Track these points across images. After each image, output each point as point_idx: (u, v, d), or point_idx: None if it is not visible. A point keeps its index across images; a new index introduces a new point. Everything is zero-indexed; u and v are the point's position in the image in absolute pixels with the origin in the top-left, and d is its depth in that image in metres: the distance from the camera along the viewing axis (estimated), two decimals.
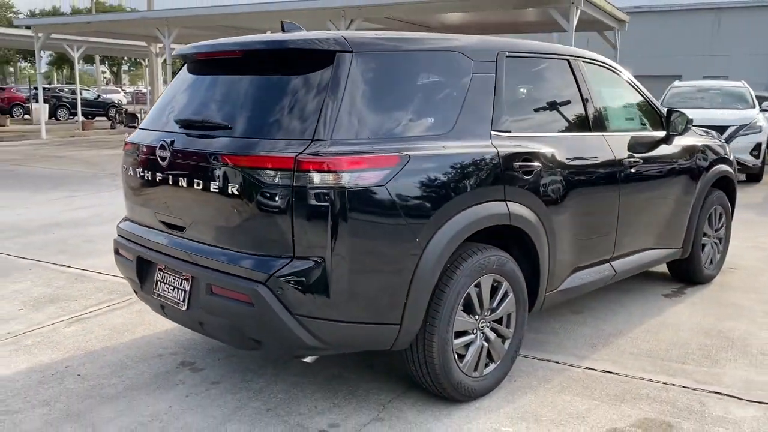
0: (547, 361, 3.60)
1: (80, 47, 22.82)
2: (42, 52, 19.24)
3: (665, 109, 4.40)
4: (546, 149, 3.35)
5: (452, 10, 13.18)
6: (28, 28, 18.97)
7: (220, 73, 3.01)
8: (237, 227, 2.66)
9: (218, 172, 2.67)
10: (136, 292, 3.31)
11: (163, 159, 2.90)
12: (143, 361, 3.55)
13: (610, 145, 3.84)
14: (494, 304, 3.14)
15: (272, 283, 2.54)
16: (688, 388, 3.29)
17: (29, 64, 58.24)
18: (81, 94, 27.55)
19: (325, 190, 2.49)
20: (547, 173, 3.32)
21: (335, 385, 3.26)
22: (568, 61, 3.79)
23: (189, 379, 3.33)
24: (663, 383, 3.33)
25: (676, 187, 4.45)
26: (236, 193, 2.62)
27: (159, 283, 3.04)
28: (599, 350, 3.75)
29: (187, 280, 2.86)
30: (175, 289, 2.93)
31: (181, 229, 2.94)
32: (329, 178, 2.50)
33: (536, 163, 3.25)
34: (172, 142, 2.88)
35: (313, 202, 2.50)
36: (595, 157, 3.71)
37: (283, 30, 3.27)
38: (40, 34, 18.42)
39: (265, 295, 2.54)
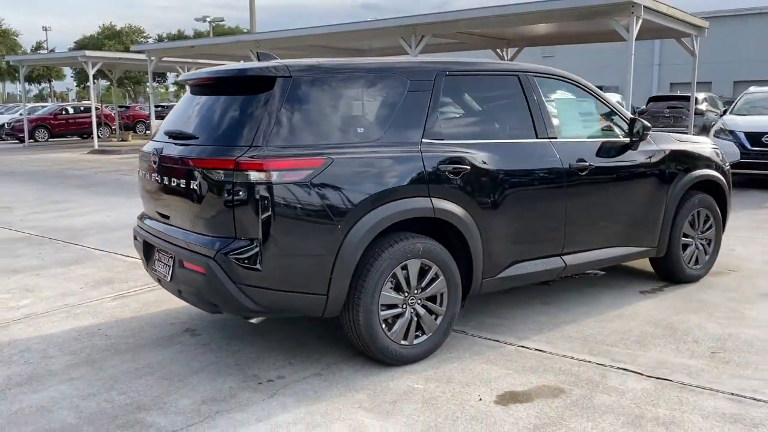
0: (490, 340, 4.10)
1: (190, 68, 24.99)
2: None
3: (640, 119, 4.74)
4: (478, 154, 3.88)
5: (516, 25, 13.54)
6: (141, 52, 21.15)
7: (200, 95, 3.80)
8: (198, 215, 3.43)
9: (185, 172, 3.45)
10: (145, 269, 4.16)
11: (155, 163, 3.73)
12: (157, 327, 4.40)
13: (558, 151, 4.28)
14: (423, 285, 3.71)
15: (218, 258, 3.28)
16: (600, 365, 3.70)
17: (159, 84, 63.71)
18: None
19: (257, 185, 3.20)
20: (478, 175, 3.85)
21: (298, 351, 3.94)
22: (518, 76, 4.29)
23: (186, 341, 4.14)
24: (581, 360, 3.76)
25: (642, 190, 4.78)
26: (196, 188, 3.39)
27: (156, 261, 3.87)
28: (543, 333, 4.19)
29: (171, 257, 3.66)
30: (164, 265, 3.74)
31: (167, 218, 3.75)
32: (261, 176, 3.21)
33: (466, 166, 3.80)
34: (161, 150, 3.70)
35: (248, 194, 3.22)
36: (537, 162, 4.18)
37: (258, 59, 4.03)
38: (152, 58, 20.51)
39: (213, 267, 3.29)
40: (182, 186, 3.48)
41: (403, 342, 3.67)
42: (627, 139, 4.71)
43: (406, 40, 14.43)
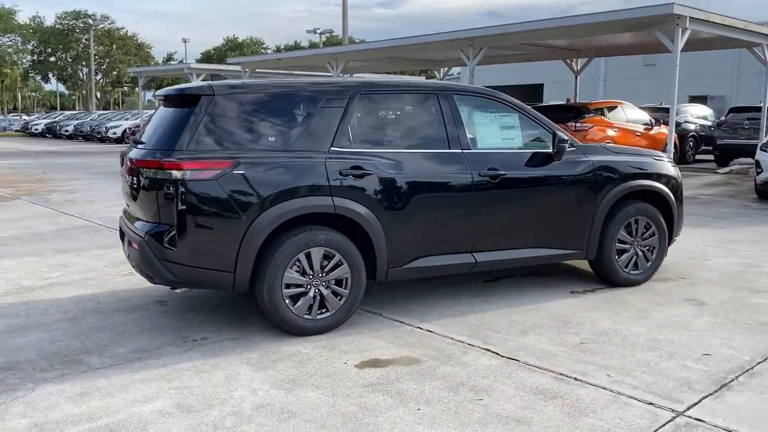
0: (396, 321, 4.74)
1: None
2: None
3: (559, 132, 5.19)
4: (383, 161, 4.56)
5: (563, 37, 13.77)
6: (237, 64, 23.01)
7: (163, 108, 4.72)
8: (139, 205, 4.36)
9: (134, 171, 4.38)
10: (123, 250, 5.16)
11: (123, 164, 4.70)
12: (139, 297, 5.39)
13: (468, 161, 4.85)
14: (327, 269, 4.43)
15: (146, 238, 4.19)
16: (470, 345, 4.25)
17: None
18: None
19: (174, 181, 4.08)
20: (381, 179, 4.52)
21: (232, 322, 4.76)
22: (436, 94, 4.91)
23: (153, 309, 5.09)
24: (456, 340, 4.33)
25: (565, 197, 5.22)
26: (138, 183, 4.31)
27: (125, 244, 4.84)
28: (447, 319, 4.77)
29: (128, 241, 4.61)
30: (126, 246, 4.70)
31: (129, 207, 4.72)
32: (178, 174, 4.08)
33: (368, 171, 4.48)
34: (128, 153, 4.66)
35: (168, 188, 4.10)
36: (444, 170, 4.77)
37: (212, 79, 4.92)
38: (246, 70, 22.30)
39: (143, 246, 4.20)
40: (134, 182, 4.42)
41: (306, 316, 4.41)
42: (549, 150, 5.17)
43: (464, 51, 15.01)
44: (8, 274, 6.23)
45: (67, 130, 35.60)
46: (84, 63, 63.86)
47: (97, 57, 62.64)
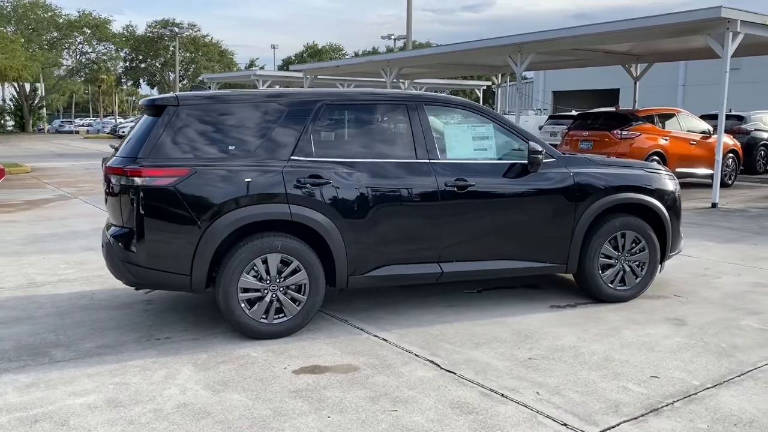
0: (357, 328, 4.80)
1: (349, 85, 27.17)
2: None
3: (533, 144, 5.09)
4: (343, 171, 4.63)
5: (611, 42, 13.34)
6: (299, 71, 23.58)
7: (143, 117, 4.97)
8: (110, 210, 4.61)
9: (107, 177, 4.64)
10: None
11: (103, 171, 4.99)
12: (131, 296, 5.66)
13: (436, 171, 4.85)
14: (284, 275, 4.55)
15: (111, 240, 4.44)
16: (416, 355, 4.26)
17: None
18: None
19: (134, 187, 4.31)
20: (341, 188, 4.60)
21: (201, 323, 4.94)
22: (406, 105, 4.94)
23: (138, 307, 5.36)
24: (405, 351, 4.35)
25: (542, 208, 5.13)
26: (109, 189, 4.57)
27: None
28: (408, 328, 4.78)
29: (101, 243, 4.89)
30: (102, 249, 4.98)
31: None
32: (138, 180, 4.31)
33: (327, 180, 4.57)
34: (108, 160, 4.95)
35: (129, 194, 4.33)
36: (408, 180, 4.78)
37: (192, 89, 5.14)
38: (308, 76, 22.82)
39: (108, 247, 4.46)
40: (107, 188, 4.69)
41: (262, 320, 4.54)
42: (524, 161, 5.09)
43: (512, 57, 14.82)
44: (29, 269, 6.70)
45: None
46: (171, 69, 66.95)
47: (182, 63, 65.54)
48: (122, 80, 72.98)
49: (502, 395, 3.66)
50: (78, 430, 3.27)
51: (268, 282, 4.52)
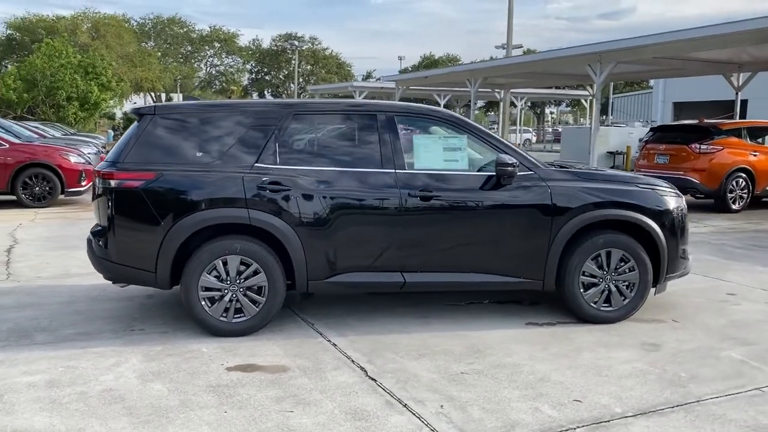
0: (316, 331, 4.91)
1: (446, 95, 27.28)
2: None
3: (504, 156, 4.99)
4: (304, 178, 4.79)
5: (694, 50, 12.48)
6: (391, 82, 23.98)
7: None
8: (95, 209, 5.04)
9: (95, 181, 5.09)
10: None
11: None
12: (137, 290, 6.04)
13: (399, 181, 4.88)
14: (244, 277, 4.77)
15: (90, 237, 4.86)
16: (351, 360, 4.32)
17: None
18: None
19: (108, 189, 4.70)
20: (300, 195, 4.75)
21: (184, 320, 5.27)
22: (375, 114, 5.02)
23: (137, 301, 5.76)
24: (345, 356, 4.42)
25: (512, 223, 5.00)
26: (94, 190, 5.00)
27: None
28: (365, 336, 4.84)
29: None
30: None
31: None
32: (110, 183, 4.70)
33: (286, 187, 4.75)
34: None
35: (104, 195, 4.73)
36: (370, 189, 4.85)
37: (184, 99, 5.50)
38: (400, 87, 23.16)
39: (88, 244, 4.88)
40: (94, 189, 5.13)
41: (222, 318, 4.77)
42: (493, 173, 4.99)
43: (592, 67, 14.32)
44: (71, 262, 7.38)
45: None
46: (293, 81, 70.16)
47: (303, 75, 68.38)
48: (248, 91, 77.21)
49: (405, 405, 3.66)
50: (5, 404, 3.64)
51: (228, 282, 4.76)
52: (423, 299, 5.72)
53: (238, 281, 4.77)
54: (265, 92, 77.80)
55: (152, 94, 60.93)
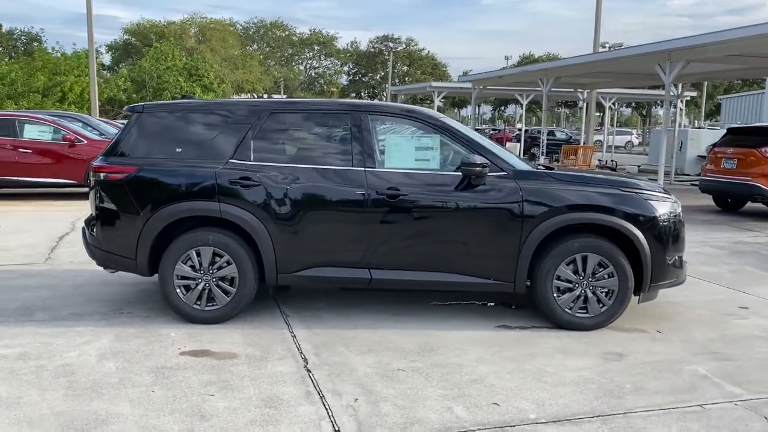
0: (284, 323, 5.08)
1: (528, 95, 26.75)
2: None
3: (473, 157, 4.94)
4: (274, 174, 4.97)
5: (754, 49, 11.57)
6: (467, 81, 23.78)
7: None
8: (90, 200, 5.45)
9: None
10: None
11: None
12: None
13: (369, 179, 4.96)
14: (216, 267, 5.01)
15: (84, 226, 5.28)
16: (301, 352, 4.45)
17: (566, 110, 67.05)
18: (554, 135, 31.91)
19: (97, 181, 5.09)
20: (270, 191, 4.94)
21: (159, 303, 5.59)
22: (350, 114, 5.12)
23: (142, 285, 6.16)
24: (298, 348, 4.55)
25: (480, 223, 4.95)
26: (89, 182, 5.41)
27: None
28: (327, 329, 4.93)
29: None
30: None
31: None
32: (99, 175, 5.08)
33: (256, 182, 4.95)
34: None
35: (94, 186, 5.12)
36: (339, 186, 4.95)
37: (182, 98, 5.83)
38: (476, 87, 22.97)
39: (83, 232, 5.30)
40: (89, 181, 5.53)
41: (195, 306, 5.04)
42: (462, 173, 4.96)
43: (661, 66, 13.65)
44: None
45: None
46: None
47: (399, 76, 69.03)
48: (346, 93, 78.84)
49: (321, 397, 3.75)
50: None
51: (201, 272, 5.02)
52: (410, 298, 5.74)
53: (211, 271, 5.01)
54: (362, 93, 79.18)
55: (254, 95, 63.71)
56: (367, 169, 5.01)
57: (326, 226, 5.00)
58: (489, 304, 5.62)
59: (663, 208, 5.12)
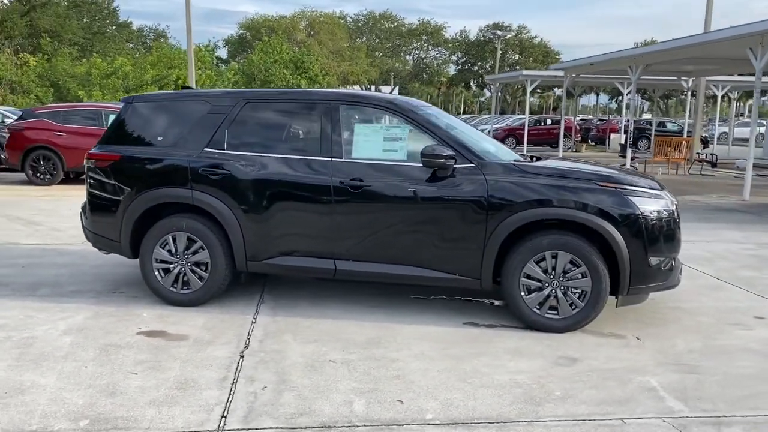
0: (252, 308, 5.19)
1: (628, 84, 25.35)
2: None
3: (439, 149, 4.79)
4: (243, 163, 5.07)
5: None
6: (560, 70, 22.87)
7: None
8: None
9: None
10: None
11: None
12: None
13: (334, 169, 4.94)
14: (190, 253, 5.20)
15: (81, 210, 5.64)
16: (247, 337, 4.53)
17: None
18: (664, 126, 30.19)
19: (88, 168, 5.42)
20: (238, 179, 5.05)
21: (140, 284, 5.86)
22: (323, 103, 5.12)
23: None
24: (249, 334, 4.64)
25: (443, 216, 4.79)
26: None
27: None
28: (288, 318, 4.99)
29: None
30: None
31: None
32: (92, 162, 5.41)
33: (226, 171, 5.08)
34: None
35: (86, 173, 5.46)
36: (304, 176, 4.97)
37: (182, 88, 6.07)
38: (568, 75, 22.07)
39: (81, 215, 5.67)
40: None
41: (171, 289, 5.26)
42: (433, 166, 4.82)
43: (753, 50, 12.52)
44: None
45: None
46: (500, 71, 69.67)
47: (509, 65, 67.58)
48: (454, 83, 78.25)
49: (234, 382, 3.82)
50: None
51: (178, 257, 5.23)
52: (397, 291, 5.66)
53: (186, 256, 5.21)
54: (471, 83, 78.17)
55: (360, 86, 64.74)
56: (333, 159, 4.99)
57: (292, 215, 5.04)
58: (496, 303, 5.42)
59: (648, 205, 4.72)
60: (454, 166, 4.81)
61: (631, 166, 17.80)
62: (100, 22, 51.32)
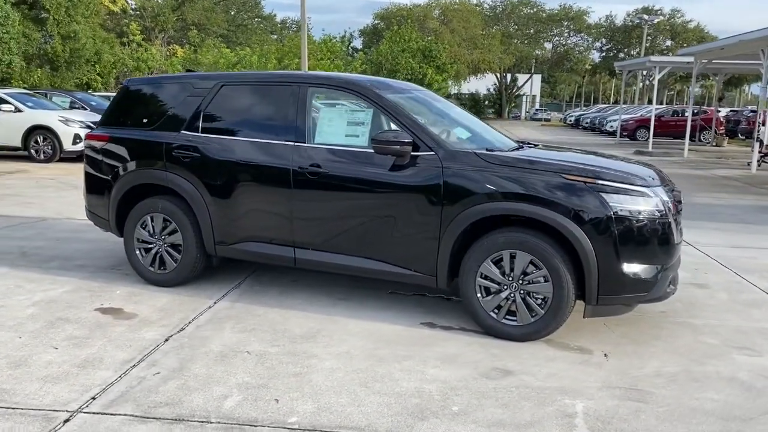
0: (221, 293, 5.17)
1: (759, 71, 22.65)
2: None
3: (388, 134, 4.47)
4: (213, 146, 5.05)
5: None
6: (688, 55, 20.85)
7: None
8: None
9: None
10: None
11: None
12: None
13: (294, 154, 4.77)
14: (166, 234, 5.29)
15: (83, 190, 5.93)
16: (191, 322, 4.51)
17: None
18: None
19: (87, 147, 5.67)
20: (206, 162, 5.04)
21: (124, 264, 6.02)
22: (291, 86, 4.95)
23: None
24: (195, 318, 4.63)
25: (398, 207, 4.48)
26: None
27: None
28: (246, 305, 4.92)
29: None
30: None
31: None
32: (88, 142, 5.66)
33: (195, 153, 5.08)
34: None
35: (84, 153, 5.72)
36: (266, 161, 4.86)
37: (186, 71, 6.16)
38: (700, 60, 20.12)
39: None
40: None
41: (150, 269, 5.38)
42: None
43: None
44: None
45: (570, 121, 38.31)
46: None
47: (659, 51, 62.97)
48: (598, 71, 74.27)
49: (134, 366, 3.80)
50: None
51: (155, 237, 5.33)
52: (376, 286, 5.39)
53: (162, 237, 5.30)
54: (616, 70, 73.82)
55: (496, 75, 63.32)
56: (296, 144, 4.83)
57: (256, 200, 4.95)
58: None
59: (627, 203, 4.10)
60: (415, 153, 4.46)
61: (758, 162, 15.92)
62: (244, 15, 54.28)
